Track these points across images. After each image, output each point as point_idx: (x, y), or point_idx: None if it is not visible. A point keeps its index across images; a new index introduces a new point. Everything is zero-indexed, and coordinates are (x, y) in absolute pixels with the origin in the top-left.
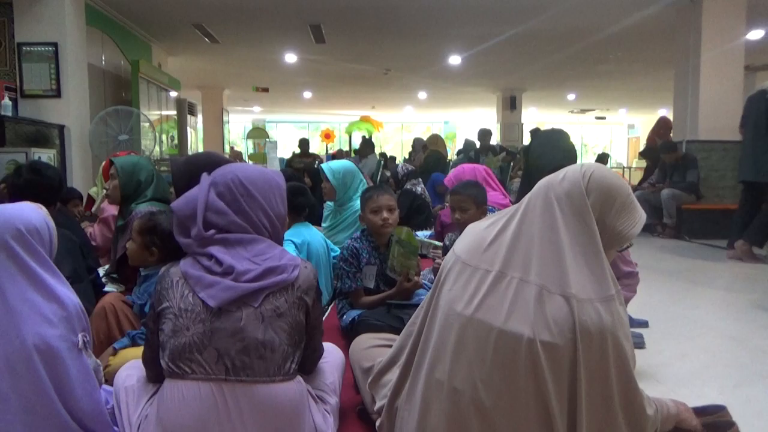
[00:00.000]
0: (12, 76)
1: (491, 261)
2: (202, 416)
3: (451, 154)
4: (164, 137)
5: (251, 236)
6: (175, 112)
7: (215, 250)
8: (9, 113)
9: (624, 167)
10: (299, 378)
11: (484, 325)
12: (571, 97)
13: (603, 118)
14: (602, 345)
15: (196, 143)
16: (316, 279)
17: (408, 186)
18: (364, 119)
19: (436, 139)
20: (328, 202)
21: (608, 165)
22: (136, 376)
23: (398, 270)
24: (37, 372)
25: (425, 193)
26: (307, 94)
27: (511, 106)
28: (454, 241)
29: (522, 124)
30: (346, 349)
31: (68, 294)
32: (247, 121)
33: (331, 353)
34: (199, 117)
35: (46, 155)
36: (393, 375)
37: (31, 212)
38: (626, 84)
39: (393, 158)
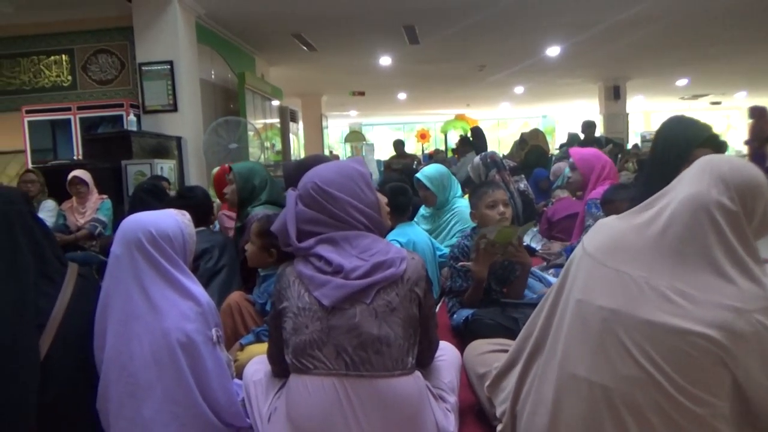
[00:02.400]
0: (135, 94)
1: (632, 264)
2: (326, 410)
3: (552, 149)
4: (267, 144)
5: (356, 232)
6: (277, 120)
7: (323, 249)
8: (134, 128)
9: (744, 155)
10: (418, 373)
11: (632, 319)
12: (682, 82)
13: (718, 103)
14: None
15: (298, 149)
16: (424, 269)
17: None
18: (460, 117)
19: (536, 134)
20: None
21: (725, 153)
22: (263, 370)
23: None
24: (180, 364)
25: (528, 190)
26: (402, 96)
27: (614, 95)
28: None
29: (627, 114)
30: (458, 347)
31: (201, 292)
32: (344, 125)
33: (447, 351)
34: (300, 123)
35: (167, 166)
36: (512, 379)
37: (166, 218)
38: (745, 65)
39: (501, 158)
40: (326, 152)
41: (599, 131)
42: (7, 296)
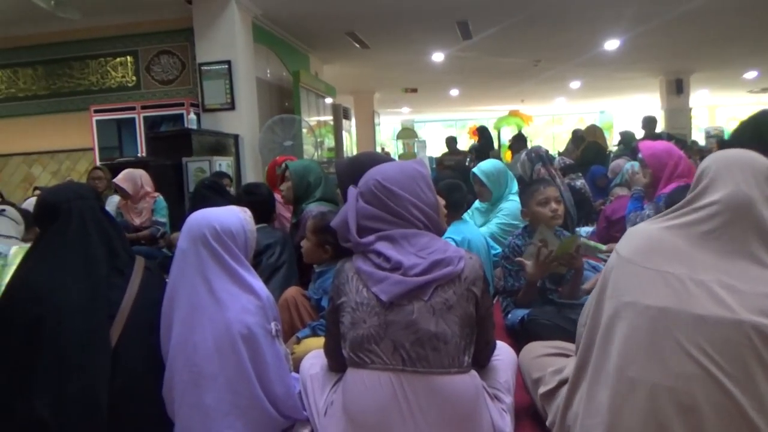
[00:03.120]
0: (195, 94)
1: (672, 263)
2: (383, 404)
3: (610, 145)
4: (317, 141)
5: (414, 231)
6: (331, 117)
7: (382, 246)
8: (194, 126)
9: None
10: (474, 372)
11: (682, 315)
12: (750, 75)
13: None
14: None
15: (351, 146)
16: (482, 269)
17: (566, 180)
18: (513, 114)
19: (594, 130)
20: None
21: None
22: (319, 364)
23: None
24: (241, 355)
25: (585, 188)
26: (455, 92)
27: (677, 89)
28: None
29: (690, 109)
30: (512, 348)
31: (261, 286)
32: (396, 123)
33: (503, 351)
34: (353, 120)
35: (225, 162)
36: (563, 393)
37: (229, 215)
38: None
39: (546, 152)
40: (378, 149)
41: (660, 127)
42: (81, 288)
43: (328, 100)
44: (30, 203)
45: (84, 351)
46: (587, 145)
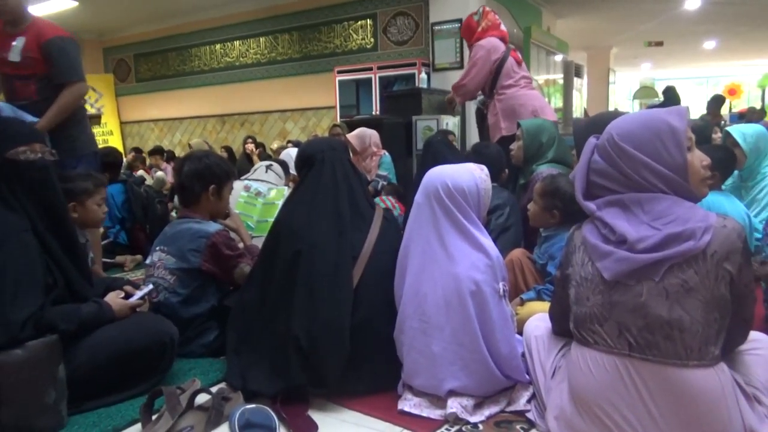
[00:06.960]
0: (426, 54)
1: None
2: (606, 387)
3: None
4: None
5: (650, 195)
6: (561, 75)
7: (610, 214)
8: (425, 85)
9: None
10: (724, 366)
11: None
12: None
13: None
14: None
15: (581, 106)
16: (740, 239)
17: None
18: None
19: None
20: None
21: None
22: (544, 327)
23: None
24: (468, 310)
25: None
26: (710, 44)
27: None
28: None
29: None
30: None
31: (491, 245)
32: (632, 81)
33: (765, 345)
34: (585, 79)
35: (452, 122)
36: None
37: (463, 173)
38: None
39: None
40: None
41: None
42: (330, 230)
43: (559, 57)
44: (286, 154)
45: (331, 285)
46: None
